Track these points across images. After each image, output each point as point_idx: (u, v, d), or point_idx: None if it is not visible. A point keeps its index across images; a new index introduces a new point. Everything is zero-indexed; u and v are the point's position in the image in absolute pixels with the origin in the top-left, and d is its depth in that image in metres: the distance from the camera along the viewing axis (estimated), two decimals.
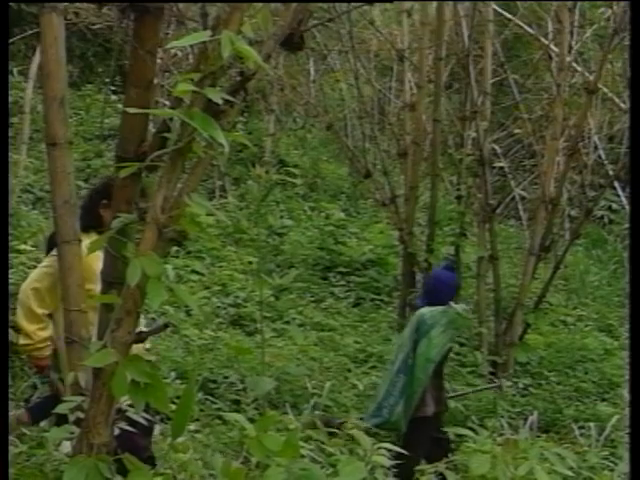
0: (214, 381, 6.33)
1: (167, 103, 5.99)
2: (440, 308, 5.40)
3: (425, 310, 5.45)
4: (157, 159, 2.24)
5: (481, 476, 3.25)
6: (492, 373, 7.46)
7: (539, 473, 3.06)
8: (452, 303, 5.40)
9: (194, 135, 2.14)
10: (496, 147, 10.40)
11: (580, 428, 6.70)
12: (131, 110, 2.27)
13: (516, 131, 10.40)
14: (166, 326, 2.22)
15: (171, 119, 2.25)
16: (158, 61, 8.39)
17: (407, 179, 8.85)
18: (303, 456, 2.50)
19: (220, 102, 2.03)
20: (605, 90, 10.57)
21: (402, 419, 5.30)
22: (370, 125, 9.97)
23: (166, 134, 2.30)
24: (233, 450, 4.68)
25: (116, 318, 2.18)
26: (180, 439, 4.15)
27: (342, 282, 9.71)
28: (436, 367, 5.40)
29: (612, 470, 4.31)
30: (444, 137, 9.92)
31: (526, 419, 6.46)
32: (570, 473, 3.25)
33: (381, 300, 9.45)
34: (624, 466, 4.26)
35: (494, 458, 3.16)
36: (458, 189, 8.61)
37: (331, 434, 3.52)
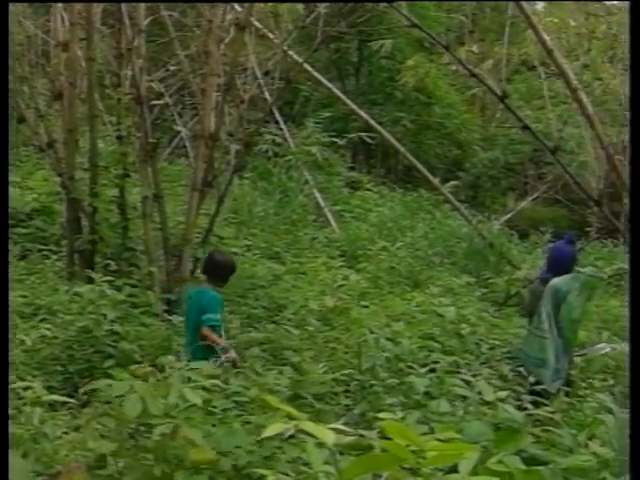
0: None
1: None
2: (569, 275, 6.15)
3: (556, 280, 6.13)
4: None
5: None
6: (166, 311, 7.53)
7: (189, 394, 3.19)
8: (579, 269, 6.19)
9: None
10: (155, 85, 10.32)
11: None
12: None
13: (172, 68, 10.37)
14: None
15: None
16: None
17: (64, 122, 8.52)
18: None
19: None
20: (259, 26, 10.85)
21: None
22: (22, 66, 9.39)
23: None
24: None
25: None
26: None
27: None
28: None
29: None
30: (101, 77, 9.63)
31: None
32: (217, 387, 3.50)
33: (49, 250, 9.09)
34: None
35: (143, 393, 3.20)
36: (118, 129, 8.46)
37: None
